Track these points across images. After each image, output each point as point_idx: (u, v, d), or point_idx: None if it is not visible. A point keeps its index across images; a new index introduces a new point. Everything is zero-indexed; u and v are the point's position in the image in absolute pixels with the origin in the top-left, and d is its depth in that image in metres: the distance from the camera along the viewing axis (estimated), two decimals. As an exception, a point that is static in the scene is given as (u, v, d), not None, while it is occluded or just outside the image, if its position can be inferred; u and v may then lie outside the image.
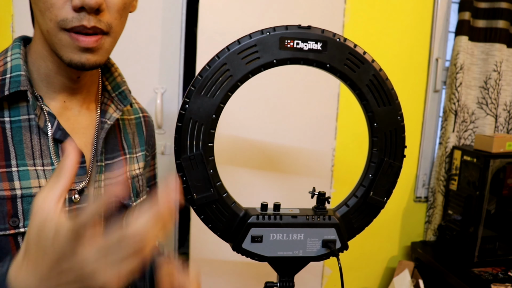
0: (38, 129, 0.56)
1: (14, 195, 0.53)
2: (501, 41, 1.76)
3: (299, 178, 1.61)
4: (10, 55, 0.58)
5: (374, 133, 0.73)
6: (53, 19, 0.52)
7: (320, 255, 0.75)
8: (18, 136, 0.55)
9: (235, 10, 1.45)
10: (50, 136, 0.57)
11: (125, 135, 0.74)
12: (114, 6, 0.55)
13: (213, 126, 0.68)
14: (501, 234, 1.72)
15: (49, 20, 0.52)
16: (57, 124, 0.58)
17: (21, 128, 0.55)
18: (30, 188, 0.55)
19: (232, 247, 0.73)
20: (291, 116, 1.56)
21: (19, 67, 0.56)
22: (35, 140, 0.56)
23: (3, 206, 0.53)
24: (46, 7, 0.51)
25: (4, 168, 0.53)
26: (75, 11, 0.51)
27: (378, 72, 0.70)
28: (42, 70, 0.59)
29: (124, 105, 0.72)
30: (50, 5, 0.51)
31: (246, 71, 0.66)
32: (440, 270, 1.66)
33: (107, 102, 0.71)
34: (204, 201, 0.69)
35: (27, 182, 0.54)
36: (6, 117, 0.55)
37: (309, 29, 0.67)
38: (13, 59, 0.57)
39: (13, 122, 0.55)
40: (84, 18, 0.52)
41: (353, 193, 0.77)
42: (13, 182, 0.54)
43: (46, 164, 0.57)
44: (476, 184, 1.64)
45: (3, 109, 0.55)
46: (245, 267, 1.59)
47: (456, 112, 1.78)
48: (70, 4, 0.51)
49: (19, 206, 0.54)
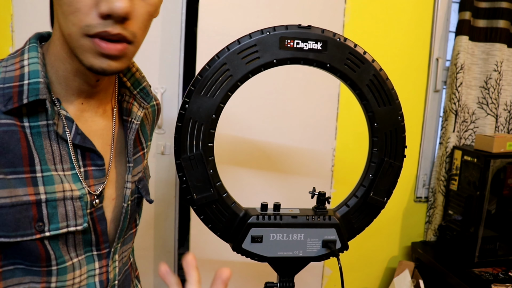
0: (57, 135, 0.56)
1: (39, 199, 0.54)
2: (502, 41, 1.76)
3: (299, 178, 1.61)
4: (28, 58, 0.56)
5: (374, 133, 0.73)
6: (76, 24, 0.50)
7: (320, 255, 0.75)
8: (39, 142, 0.55)
9: (235, 10, 1.45)
10: (69, 142, 0.57)
11: (142, 128, 0.73)
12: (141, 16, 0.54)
13: (213, 126, 0.68)
14: (502, 234, 1.72)
15: (72, 25, 0.51)
16: (76, 128, 0.58)
17: (40, 134, 0.55)
18: (55, 193, 0.55)
19: (232, 247, 0.73)
20: (291, 116, 1.56)
21: (37, 73, 0.54)
22: (54, 145, 0.56)
23: (28, 211, 0.53)
24: (71, 11, 0.50)
25: (29, 174, 0.53)
26: (101, 18, 0.50)
27: (378, 72, 0.70)
28: (61, 72, 0.58)
29: (148, 103, 0.71)
30: (75, 10, 0.50)
31: (246, 71, 0.66)
32: (441, 270, 1.66)
33: (129, 100, 0.69)
34: (204, 201, 0.69)
35: (52, 187, 0.55)
36: (25, 122, 0.54)
37: (309, 29, 0.67)
38: (30, 63, 0.55)
39: (32, 128, 0.54)
40: (109, 25, 0.50)
41: (353, 193, 0.77)
42: (38, 187, 0.54)
43: (66, 169, 0.57)
44: (476, 184, 1.64)
45: (22, 115, 0.54)
46: (245, 267, 1.59)
47: (456, 112, 1.77)
48: (96, 10, 0.50)
49: (44, 211, 0.54)
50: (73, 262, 0.59)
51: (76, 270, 0.59)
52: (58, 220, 0.55)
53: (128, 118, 0.68)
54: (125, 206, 0.66)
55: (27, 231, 0.53)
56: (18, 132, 0.53)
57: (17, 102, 0.52)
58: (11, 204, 0.52)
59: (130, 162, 0.67)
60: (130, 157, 0.66)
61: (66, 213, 0.56)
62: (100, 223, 0.61)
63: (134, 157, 0.69)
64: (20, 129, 0.53)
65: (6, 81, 0.54)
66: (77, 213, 0.57)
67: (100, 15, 0.50)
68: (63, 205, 0.56)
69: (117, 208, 0.66)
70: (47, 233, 0.55)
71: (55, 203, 0.55)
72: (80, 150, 0.59)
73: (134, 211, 0.70)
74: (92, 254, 0.62)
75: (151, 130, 0.79)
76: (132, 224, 0.70)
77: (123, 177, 0.67)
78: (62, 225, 0.56)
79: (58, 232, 0.55)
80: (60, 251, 0.57)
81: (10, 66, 0.56)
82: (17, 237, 0.53)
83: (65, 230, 0.56)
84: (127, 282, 0.73)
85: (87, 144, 0.59)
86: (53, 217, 0.55)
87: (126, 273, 0.72)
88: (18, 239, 0.53)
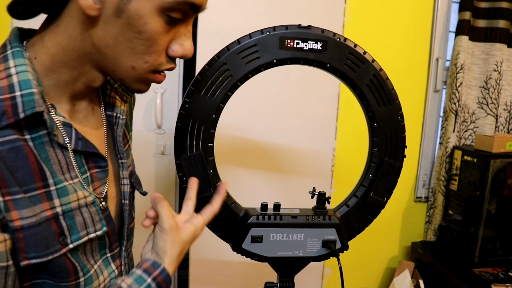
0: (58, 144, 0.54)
1: (55, 213, 0.52)
2: (502, 41, 1.76)
3: (299, 178, 1.61)
4: (14, 66, 0.51)
5: (374, 133, 0.73)
6: (150, 62, 0.53)
7: (320, 255, 0.75)
8: (44, 153, 0.52)
9: (235, 10, 1.45)
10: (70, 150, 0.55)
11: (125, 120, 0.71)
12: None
13: (213, 126, 0.68)
14: (502, 234, 1.72)
15: (143, 62, 0.53)
16: (76, 133, 0.56)
17: (43, 144, 0.52)
18: (70, 203, 0.53)
19: (232, 247, 0.73)
20: (291, 116, 1.56)
21: (29, 82, 0.50)
22: (59, 155, 0.54)
23: (50, 227, 0.51)
24: (147, 52, 0.52)
25: (43, 189, 0.51)
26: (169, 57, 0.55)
27: (378, 72, 0.70)
28: (64, 77, 0.55)
29: (130, 96, 0.70)
30: (154, 51, 0.53)
31: (246, 71, 0.66)
32: (441, 270, 1.66)
33: (110, 94, 0.67)
34: (204, 201, 0.69)
35: (66, 198, 0.53)
36: (26, 135, 0.51)
37: (309, 29, 0.67)
38: (19, 72, 0.50)
39: (34, 140, 0.51)
40: (173, 62, 0.56)
41: (353, 193, 0.77)
42: (53, 201, 0.52)
43: (73, 177, 0.55)
44: (476, 184, 1.64)
45: (21, 129, 0.50)
46: (245, 267, 1.59)
47: (456, 112, 1.77)
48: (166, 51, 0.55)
49: (63, 223, 0.53)
50: (95, 269, 0.59)
51: (99, 277, 0.59)
52: (78, 229, 0.54)
53: (112, 113, 0.66)
54: (126, 203, 0.66)
55: (55, 247, 0.52)
56: (24, 146, 0.50)
57: (12, 117, 0.48)
58: (38, 222, 0.49)
59: (123, 159, 0.66)
60: (121, 153, 0.66)
61: (84, 220, 0.55)
62: (109, 223, 0.61)
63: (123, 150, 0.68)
64: (24, 143, 0.50)
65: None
66: (94, 219, 0.57)
67: (173, 57, 0.55)
68: (80, 214, 0.55)
69: (118, 206, 0.66)
70: (70, 245, 0.53)
71: (72, 213, 0.54)
72: (83, 155, 0.57)
73: (131, 205, 0.70)
74: (106, 257, 0.62)
75: (131, 120, 0.78)
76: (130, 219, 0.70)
77: (117, 174, 0.66)
78: (82, 233, 0.55)
79: (80, 242, 0.54)
80: (82, 261, 0.56)
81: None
82: (48, 256, 0.51)
83: (86, 238, 0.55)
84: None
85: (89, 148, 0.57)
86: (72, 227, 0.54)
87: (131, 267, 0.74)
88: (50, 257, 0.51)
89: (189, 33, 0.56)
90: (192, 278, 1.57)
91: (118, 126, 0.65)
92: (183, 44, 0.55)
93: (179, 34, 0.55)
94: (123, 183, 0.66)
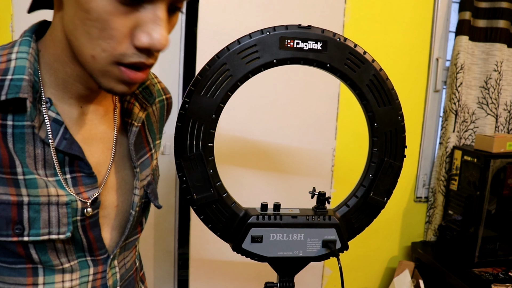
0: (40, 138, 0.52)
1: (20, 201, 0.50)
2: (502, 41, 1.76)
3: (299, 178, 1.61)
4: (16, 52, 0.51)
5: (374, 133, 0.73)
6: (108, 51, 0.46)
7: (320, 255, 0.75)
8: (20, 144, 0.50)
9: (235, 10, 1.45)
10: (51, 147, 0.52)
11: (149, 127, 0.69)
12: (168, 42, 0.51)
13: (213, 126, 0.68)
14: (502, 234, 1.72)
15: (101, 50, 0.46)
16: (63, 132, 0.53)
17: (24, 135, 0.50)
18: (38, 197, 0.51)
19: (232, 247, 0.73)
20: (291, 116, 1.56)
21: (23, 69, 0.50)
22: (38, 149, 0.51)
23: (7, 211, 0.49)
24: (102, 37, 0.45)
25: (10, 175, 0.50)
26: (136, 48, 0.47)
27: (378, 72, 0.70)
28: (60, 75, 0.53)
29: (150, 104, 0.66)
30: (109, 37, 0.45)
31: (246, 71, 0.66)
32: (441, 270, 1.66)
33: (130, 100, 0.64)
34: (204, 201, 0.69)
35: (35, 190, 0.51)
36: (9, 120, 0.50)
37: (309, 29, 0.67)
38: (18, 58, 0.50)
39: (15, 127, 0.50)
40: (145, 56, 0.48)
41: (353, 193, 0.77)
42: (20, 189, 0.50)
43: (50, 175, 0.53)
44: (476, 184, 1.64)
45: (7, 111, 0.49)
46: (245, 267, 1.59)
47: (456, 112, 1.77)
48: (130, 39, 0.46)
49: (25, 214, 0.51)
50: (64, 267, 0.56)
51: (66, 273, 0.56)
52: (40, 226, 0.51)
53: (128, 120, 0.63)
54: (133, 214, 0.62)
55: (2, 231, 0.50)
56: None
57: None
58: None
59: (136, 168, 0.63)
60: (134, 162, 0.62)
61: (49, 219, 0.52)
62: (93, 230, 0.57)
63: (141, 160, 0.65)
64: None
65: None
66: (61, 221, 0.53)
67: (137, 48, 0.46)
68: (47, 210, 0.52)
69: (122, 214, 0.63)
70: (25, 238, 0.51)
71: (39, 207, 0.51)
72: (68, 156, 0.54)
73: (140, 216, 0.67)
74: (86, 260, 0.58)
75: (160, 128, 0.74)
76: (138, 228, 0.67)
77: (127, 183, 0.63)
78: (43, 231, 0.52)
79: (38, 239, 0.52)
80: (48, 256, 0.54)
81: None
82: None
83: (47, 237, 0.52)
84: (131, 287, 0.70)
85: (73, 151, 0.53)
86: (34, 222, 0.51)
87: (130, 278, 0.69)
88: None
89: (159, 20, 0.46)
90: (192, 278, 1.57)
91: (131, 133, 0.62)
92: (149, 33, 0.45)
93: (145, 19, 0.46)
94: (134, 193, 0.63)
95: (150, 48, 0.46)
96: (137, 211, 0.63)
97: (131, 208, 0.63)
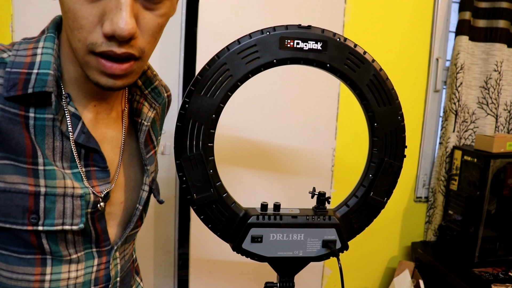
0: (61, 131, 0.54)
1: (38, 191, 0.52)
2: (502, 41, 1.76)
3: (299, 178, 1.61)
4: (42, 47, 0.53)
5: (374, 133, 0.73)
6: (81, 41, 0.48)
7: (320, 255, 0.75)
8: (41, 135, 0.52)
9: (235, 10, 1.45)
10: (72, 141, 0.55)
11: (153, 126, 0.71)
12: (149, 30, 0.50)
13: (213, 126, 0.68)
14: (502, 234, 1.72)
15: (77, 40, 0.48)
16: (81, 126, 0.55)
17: (44, 127, 0.52)
18: (55, 188, 0.53)
19: (232, 247, 0.73)
20: (291, 116, 1.56)
21: (48, 64, 0.52)
22: (57, 141, 0.54)
23: (24, 200, 0.51)
24: (75, 27, 0.47)
25: (31, 165, 0.51)
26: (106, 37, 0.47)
27: (378, 72, 0.70)
28: (72, 74, 0.55)
29: (159, 104, 0.68)
30: (80, 26, 0.47)
31: (246, 71, 0.66)
32: (441, 270, 1.66)
33: (139, 100, 0.67)
34: (204, 201, 0.69)
35: (53, 181, 0.53)
36: (31, 112, 0.52)
37: (309, 29, 0.67)
38: (44, 53, 0.52)
39: (37, 119, 0.52)
40: (115, 45, 0.48)
41: (353, 193, 0.77)
42: (38, 179, 0.52)
43: (66, 167, 0.55)
44: (476, 184, 1.64)
45: (30, 104, 0.51)
46: (245, 267, 1.59)
47: (456, 112, 1.77)
48: (100, 28, 0.47)
49: (41, 204, 0.52)
50: (71, 258, 0.58)
51: (72, 264, 0.58)
52: (55, 216, 0.53)
53: (138, 119, 0.66)
54: (140, 208, 0.65)
55: (18, 220, 0.52)
56: (20, 123, 0.51)
57: (21, 90, 0.50)
58: (3, 189, 0.50)
59: (147, 165, 0.66)
60: (145, 160, 0.65)
61: (64, 210, 0.54)
62: (100, 222, 0.60)
63: (147, 157, 0.67)
64: (23, 120, 0.51)
65: (15, 65, 0.51)
66: (75, 212, 0.55)
67: (104, 35, 0.47)
68: (62, 202, 0.54)
69: (127, 210, 0.65)
70: (40, 227, 0.53)
71: (55, 198, 0.53)
72: (84, 149, 0.57)
73: (143, 211, 0.70)
74: (91, 251, 0.61)
75: (161, 125, 0.77)
76: (138, 222, 0.69)
77: (132, 180, 0.66)
78: (57, 222, 0.54)
79: (52, 229, 0.53)
80: (58, 246, 0.56)
81: (21, 51, 0.53)
82: (6, 223, 0.51)
83: (60, 228, 0.54)
84: (128, 279, 0.73)
85: (91, 144, 0.56)
86: (49, 212, 0.53)
87: (128, 269, 0.72)
88: (7, 226, 0.51)
89: (121, 5, 0.45)
90: (192, 278, 1.57)
91: (141, 133, 0.65)
92: (112, 19, 0.45)
93: (109, 7, 0.46)
94: (143, 189, 0.66)
95: (114, 35, 0.46)
96: (143, 205, 0.66)
97: (138, 203, 0.66)
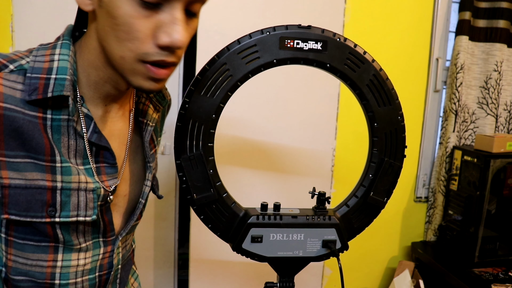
0: (75, 131, 0.59)
1: (55, 186, 0.57)
2: (502, 41, 1.76)
3: (299, 178, 1.61)
4: (59, 53, 0.59)
5: (374, 133, 0.73)
6: (134, 51, 0.53)
7: (320, 255, 0.75)
8: (57, 135, 0.58)
9: (235, 10, 1.45)
10: (85, 139, 0.60)
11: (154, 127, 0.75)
12: (187, 40, 0.57)
13: (213, 126, 0.68)
14: (502, 234, 1.72)
15: (128, 50, 0.53)
16: (94, 126, 0.61)
17: (60, 128, 0.58)
18: (70, 183, 0.58)
19: (232, 247, 0.73)
20: (291, 116, 1.56)
21: (65, 70, 0.57)
22: (71, 140, 0.59)
23: (43, 195, 0.57)
24: (128, 38, 0.52)
25: (49, 163, 0.57)
26: (158, 48, 0.53)
27: (378, 72, 0.70)
28: (93, 78, 0.61)
29: (163, 106, 0.75)
30: (134, 38, 0.52)
31: (246, 71, 0.66)
32: (441, 270, 1.66)
33: (145, 102, 0.72)
34: (204, 201, 0.69)
35: (69, 177, 0.58)
36: (48, 114, 0.57)
37: (309, 29, 0.67)
38: (61, 59, 0.58)
39: (53, 120, 0.57)
40: (166, 54, 0.54)
41: (353, 193, 0.77)
42: (56, 176, 0.57)
43: (79, 164, 0.60)
44: (476, 184, 1.64)
45: (47, 106, 0.57)
46: (245, 267, 1.59)
47: (456, 112, 1.77)
48: (153, 39, 0.52)
49: (58, 198, 0.58)
50: (81, 247, 0.63)
51: (81, 252, 0.64)
52: (70, 208, 0.59)
53: (143, 120, 0.71)
54: (142, 202, 0.70)
55: (38, 213, 0.57)
56: (39, 125, 0.56)
57: (41, 94, 0.55)
58: (25, 186, 0.56)
59: (150, 162, 0.71)
60: (148, 157, 0.71)
61: (78, 203, 0.59)
62: (107, 214, 0.65)
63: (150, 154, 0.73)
64: (41, 121, 0.56)
65: (34, 71, 0.56)
66: (88, 205, 0.60)
67: (160, 46, 0.52)
68: (77, 195, 0.59)
69: (130, 203, 0.70)
70: (57, 219, 0.58)
71: (70, 192, 0.58)
72: (95, 147, 0.62)
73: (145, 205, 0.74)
74: (98, 241, 0.66)
75: (161, 126, 0.84)
76: (139, 215, 0.73)
77: (136, 175, 0.71)
78: (72, 213, 0.59)
79: (67, 220, 0.59)
80: (70, 236, 0.61)
81: (39, 57, 0.58)
82: (27, 217, 0.57)
83: (75, 219, 0.60)
84: (128, 266, 0.78)
85: (102, 142, 0.62)
86: (65, 205, 0.59)
87: (128, 258, 0.77)
88: (28, 219, 0.57)
89: (177, 20, 0.53)
90: (192, 278, 1.57)
91: (146, 133, 0.71)
92: (168, 32, 0.52)
93: (164, 21, 0.52)
94: (146, 184, 0.71)
95: (170, 46, 0.53)
96: (145, 200, 0.72)
97: (140, 197, 0.71)
